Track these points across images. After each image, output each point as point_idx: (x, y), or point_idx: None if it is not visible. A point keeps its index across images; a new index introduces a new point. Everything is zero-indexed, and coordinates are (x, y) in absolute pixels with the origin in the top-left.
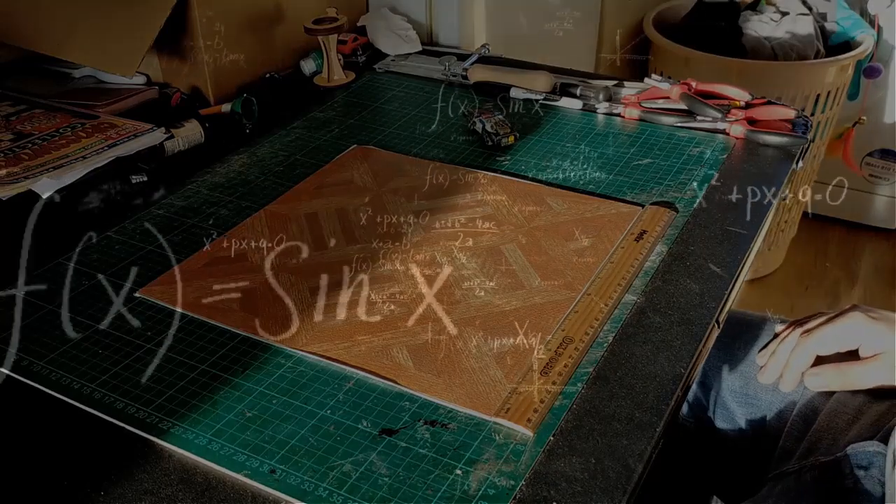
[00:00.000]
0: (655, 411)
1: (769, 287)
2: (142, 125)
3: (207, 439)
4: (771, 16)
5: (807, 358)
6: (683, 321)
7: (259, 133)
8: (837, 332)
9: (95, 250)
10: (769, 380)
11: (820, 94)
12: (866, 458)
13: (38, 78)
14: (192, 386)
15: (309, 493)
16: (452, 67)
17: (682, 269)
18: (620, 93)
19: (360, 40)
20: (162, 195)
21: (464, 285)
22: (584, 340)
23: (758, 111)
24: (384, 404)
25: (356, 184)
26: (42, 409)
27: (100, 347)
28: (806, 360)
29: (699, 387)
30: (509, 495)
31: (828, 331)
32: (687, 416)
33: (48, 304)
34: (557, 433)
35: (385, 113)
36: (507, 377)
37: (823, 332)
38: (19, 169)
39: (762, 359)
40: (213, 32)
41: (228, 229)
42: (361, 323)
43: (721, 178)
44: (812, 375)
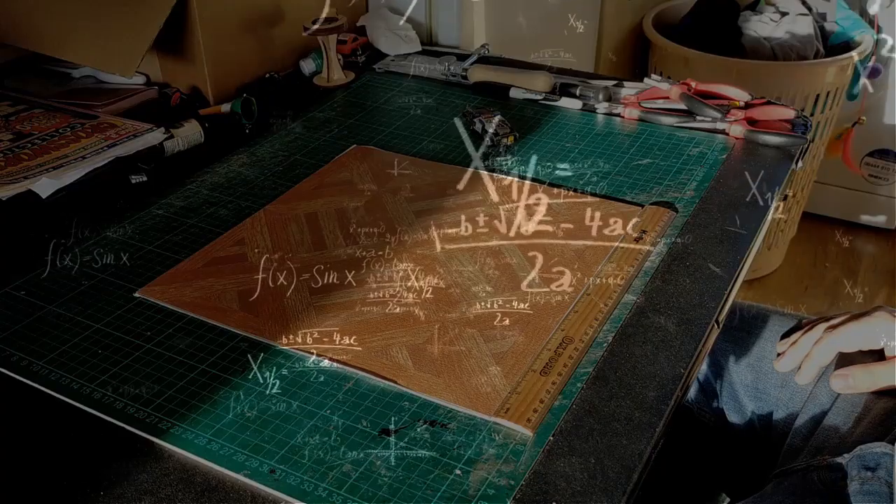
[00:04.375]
0: (655, 411)
1: (769, 287)
2: (141, 125)
3: (207, 439)
4: (770, 16)
5: (829, 353)
6: (683, 321)
7: (259, 133)
8: (863, 330)
9: (95, 250)
10: (786, 368)
11: (819, 94)
12: (873, 459)
13: (37, 78)
14: (191, 386)
15: (309, 493)
16: (452, 67)
17: (681, 269)
18: (620, 93)
19: (359, 40)
20: (162, 195)
21: (463, 285)
22: (583, 340)
23: (757, 111)
24: (384, 404)
25: (356, 184)
26: (42, 409)
27: (100, 347)
28: (828, 355)
29: (711, 378)
30: (509, 495)
31: (853, 328)
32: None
33: (48, 304)
34: (557, 433)
35: (385, 113)
36: (507, 377)
37: (849, 328)
38: (19, 169)
39: (782, 346)
40: (213, 32)
41: (228, 229)
42: (361, 323)
43: (721, 178)
44: (839, 377)
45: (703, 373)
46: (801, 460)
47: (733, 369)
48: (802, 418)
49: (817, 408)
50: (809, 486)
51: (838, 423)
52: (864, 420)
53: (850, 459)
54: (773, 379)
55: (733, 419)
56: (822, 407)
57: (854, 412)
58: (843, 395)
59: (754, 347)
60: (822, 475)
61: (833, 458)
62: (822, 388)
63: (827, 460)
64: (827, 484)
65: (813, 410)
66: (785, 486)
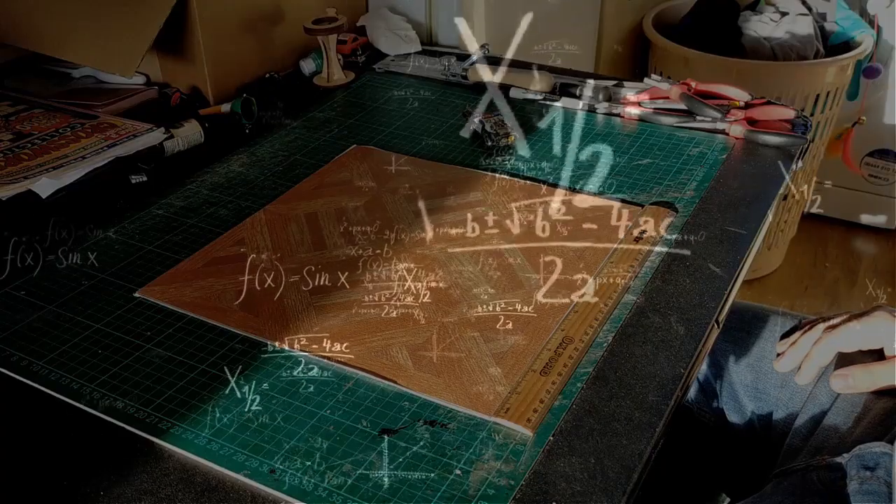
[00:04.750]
0: (655, 411)
1: (769, 287)
2: (141, 125)
3: (207, 439)
4: (770, 16)
5: (829, 353)
6: (683, 321)
7: (259, 133)
8: (863, 330)
9: (95, 250)
10: (786, 368)
11: (819, 94)
12: (873, 459)
13: (37, 78)
14: (191, 386)
15: (309, 494)
16: (452, 67)
17: (681, 269)
18: (620, 93)
19: (359, 40)
20: (162, 195)
21: (463, 285)
22: (583, 340)
23: (757, 111)
24: (384, 404)
25: (355, 184)
26: (42, 409)
27: (100, 347)
28: (827, 356)
29: (711, 378)
30: (509, 495)
31: (853, 327)
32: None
33: (48, 304)
34: (557, 433)
35: (385, 113)
36: (507, 377)
37: (849, 328)
38: (19, 169)
39: (782, 346)
40: (213, 32)
41: (228, 229)
42: (361, 323)
43: (721, 178)
44: (839, 377)
45: (703, 373)
46: (801, 460)
47: (733, 369)
48: (802, 418)
49: (817, 408)
50: (809, 486)
51: (838, 422)
52: (863, 420)
53: (849, 459)
54: (773, 379)
55: (733, 419)
56: (821, 407)
57: (854, 412)
58: (843, 395)
59: (754, 347)
60: (822, 475)
61: (833, 457)
62: (822, 389)
63: (826, 460)
64: (826, 484)
65: (813, 410)
66: (784, 486)
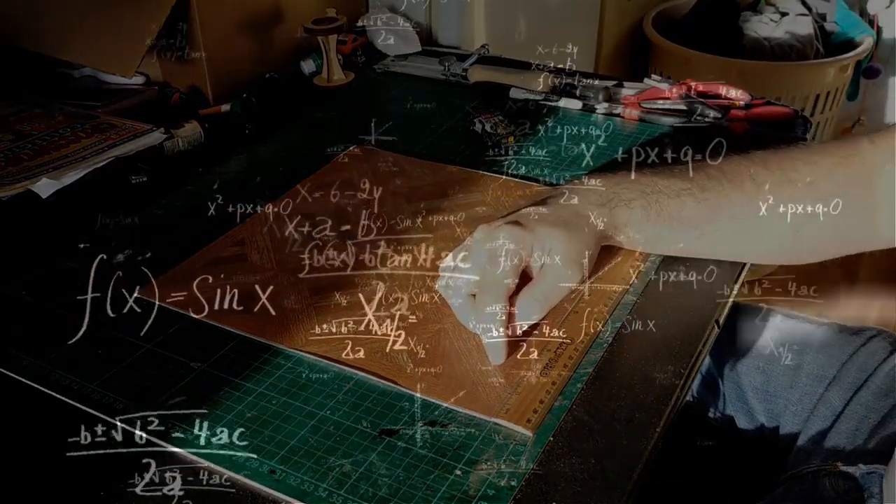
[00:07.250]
0: (655, 412)
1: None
2: (141, 125)
3: (207, 439)
4: (770, 16)
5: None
6: (683, 321)
7: (259, 133)
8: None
9: (95, 250)
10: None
11: (819, 94)
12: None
13: (38, 78)
14: (191, 386)
15: (309, 494)
16: (452, 68)
17: (681, 269)
18: (620, 93)
19: (359, 40)
20: (162, 195)
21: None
22: (584, 341)
23: (757, 111)
24: (384, 404)
25: (356, 184)
26: (42, 409)
27: (100, 347)
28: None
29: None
30: (509, 496)
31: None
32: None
33: (48, 304)
34: (557, 433)
35: (385, 113)
36: (507, 378)
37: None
38: (19, 169)
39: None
40: (213, 32)
41: (228, 229)
42: (361, 323)
43: None
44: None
45: (708, 374)
46: (812, 464)
47: (735, 370)
48: (813, 421)
49: (829, 411)
50: (821, 493)
51: (851, 429)
52: (880, 432)
53: (866, 473)
54: (782, 380)
55: (741, 421)
56: (834, 411)
57: (868, 418)
58: (856, 399)
59: (755, 348)
60: (835, 482)
61: (846, 466)
62: (834, 392)
63: (839, 467)
64: (840, 492)
65: (824, 413)
66: (796, 492)
